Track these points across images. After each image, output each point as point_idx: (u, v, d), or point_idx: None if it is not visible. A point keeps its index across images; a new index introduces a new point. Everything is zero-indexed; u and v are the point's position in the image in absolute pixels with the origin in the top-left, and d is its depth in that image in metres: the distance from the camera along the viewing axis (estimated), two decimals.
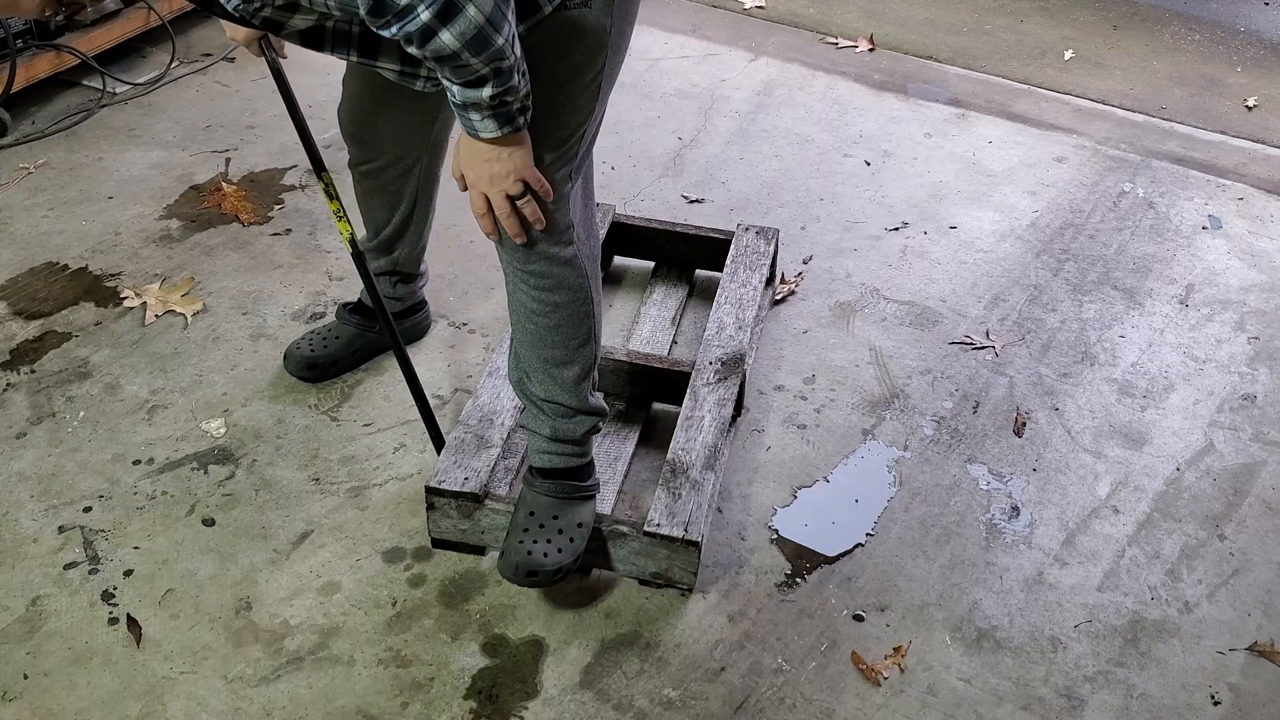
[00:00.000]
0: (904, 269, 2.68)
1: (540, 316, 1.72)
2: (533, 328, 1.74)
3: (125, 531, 1.99)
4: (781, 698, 1.77)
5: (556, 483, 1.86)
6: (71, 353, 2.35)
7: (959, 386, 2.36)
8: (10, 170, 2.89)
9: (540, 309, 1.71)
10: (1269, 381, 2.41)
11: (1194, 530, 2.08)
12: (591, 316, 1.76)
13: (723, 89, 3.36)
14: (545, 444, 1.86)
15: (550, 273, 1.67)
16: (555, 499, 1.85)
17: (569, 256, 1.67)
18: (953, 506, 2.10)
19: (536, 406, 1.84)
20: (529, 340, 1.76)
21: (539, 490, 1.86)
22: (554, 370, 1.78)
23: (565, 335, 1.74)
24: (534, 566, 1.79)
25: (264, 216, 2.76)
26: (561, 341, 1.75)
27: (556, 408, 1.82)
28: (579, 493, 1.87)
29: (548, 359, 1.77)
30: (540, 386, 1.81)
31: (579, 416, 1.84)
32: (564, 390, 1.80)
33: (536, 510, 1.85)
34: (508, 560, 1.81)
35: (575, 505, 1.86)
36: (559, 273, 1.67)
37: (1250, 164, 3.13)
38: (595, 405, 1.86)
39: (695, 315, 2.51)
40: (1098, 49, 3.71)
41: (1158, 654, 1.86)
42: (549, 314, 1.71)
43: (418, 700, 1.75)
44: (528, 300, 1.70)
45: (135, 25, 3.28)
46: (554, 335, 1.74)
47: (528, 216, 1.56)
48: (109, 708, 1.73)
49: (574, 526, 1.84)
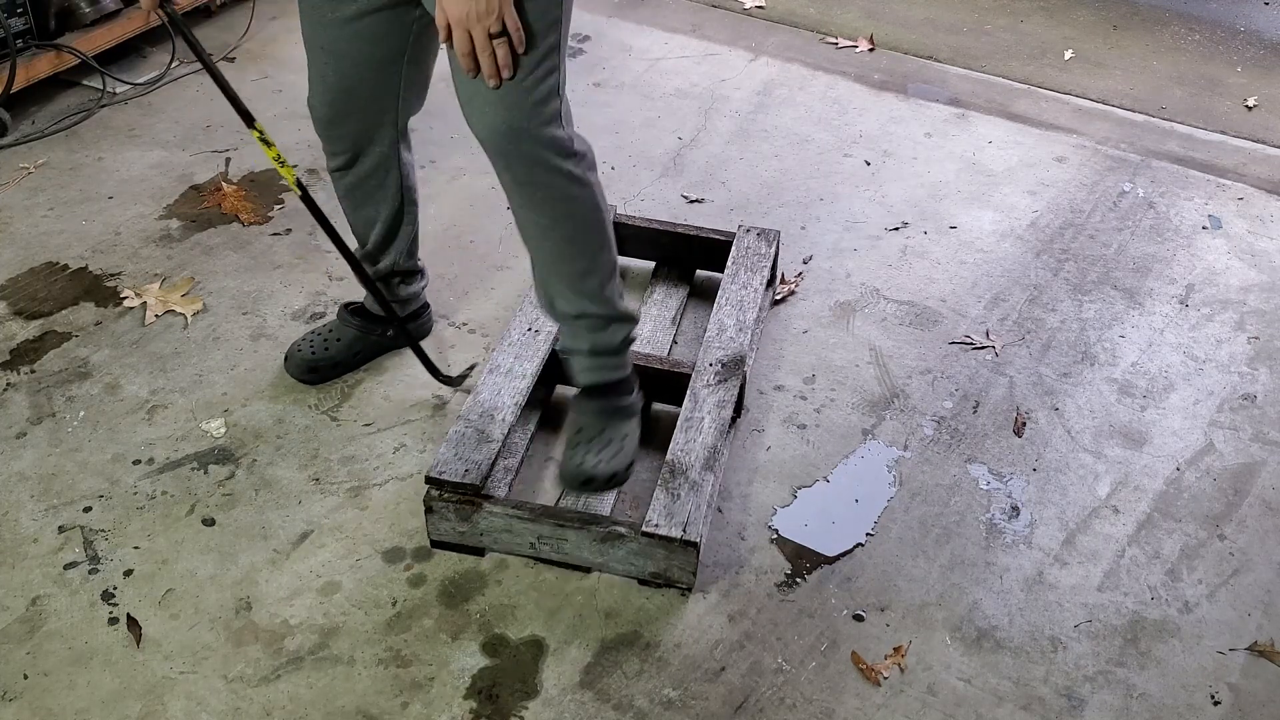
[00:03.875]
0: (904, 269, 2.68)
1: (553, 230, 1.82)
2: (549, 244, 1.85)
3: (125, 531, 1.99)
4: (781, 698, 1.77)
5: (601, 400, 1.99)
6: (71, 353, 2.35)
7: (959, 386, 2.36)
8: (10, 170, 2.89)
9: (550, 222, 1.81)
10: (1269, 381, 2.41)
11: (1194, 530, 2.08)
12: (603, 223, 1.86)
13: (723, 89, 3.36)
14: (587, 360, 1.97)
15: (554, 184, 1.76)
16: (601, 415, 1.99)
17: (569, 169, 1.76)
18: (953, 506, 2.10)
19: (570, 325, 1.95)
20: (548, 259, 1.88)
21: (586, 409, 2.00)
22: (578, 283, 1.88)
23: (581, 246, 1.85)
24: (589, 475, 1.94)
25: (264, 216, 2.76)
26: (578, 253, 1.85)
27: (589, 320, 1.93)
28: (623, 407, 2.01)
29: (569, 273, 1.87)
30: (569, 303, 1.91)
31: (612, 325, 1.95)
32: (592, 301, 1.90)
33: (585, 425, 1.99)
34: (565, 473, 1.97)
35: (620, 419, 2.00)
36: (562, 184, 1.76)
37: (1250, 164, 3.13)
38: (625, 311, 1.97)
39: (695, 315, 2.51)
40: (1098, 49, 3.71)
41: (1158, 654, 1.86)
42: (560, 225, 1.81)
43: (418, 700, 1.75)
44: (538, 217, 1.80)
45: (135, 25, 3.28)
46: (569, 248, 1.84)
47: (500, 58, 1.62)
48: (109, 708, 1.73)
49: (621, 438, 1.99)
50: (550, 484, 2.12)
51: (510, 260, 2.64)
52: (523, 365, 2.13)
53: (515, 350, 2.17)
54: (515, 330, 2.21)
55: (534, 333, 2.20)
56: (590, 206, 1.82)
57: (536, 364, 2.14)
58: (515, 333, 2.21)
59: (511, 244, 2.69)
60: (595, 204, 1.82)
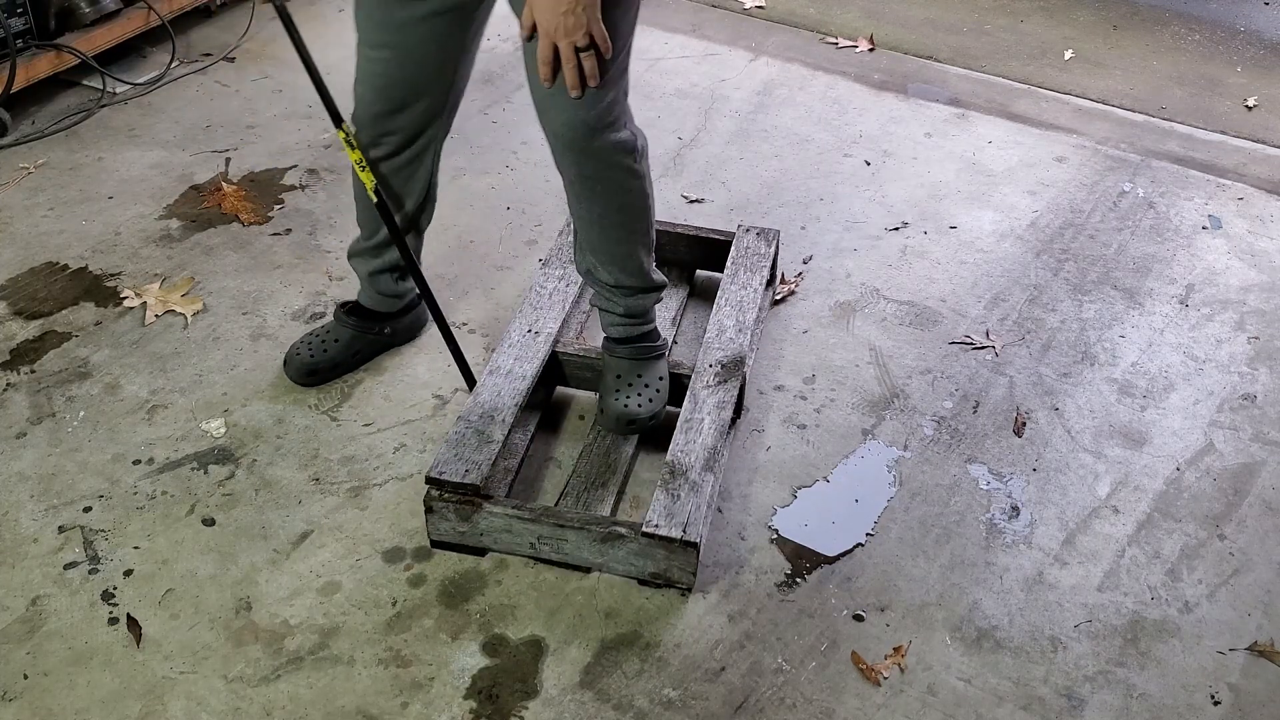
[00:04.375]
0: (904, 269, 2.68)
1: (607, 216, 1.96)
2: (600, 228, 1.99)
3: (125, 531, 1.99)
4: (781, 698, 1.77)
5: (632, 347, 2.15)
6: (71, 353, 2.35)
7: (959, 386, 2.36)
8: (10, 170, 2.89)
9: (608, 210, 1.95)
10: (1269, 381, 2.41)
11: (1194, 530, 2.08)
12: (650, 209, 2.02)
13: (723, 89, 3.36)
14: (618, 320, 2.14)
15: (617, 179, 1.90)
16: (634, 360, 2.15)
17: (633, 165, 1.90)
18: (953, 506, 2.10)
19: (606, 291, 2.10)
20: (596, 240, 2.02)
21: (620, 355, 2.15)
22: (620, 258, 2.04)
23: (629, 229, 2.00)
24: (631, 416, 2.09)
25: (264, 216, 2.76)
26: (626, 235, 2.01)
27: (625, 290, 2.09)
28: (652, 352, 2.17)
29: (615, 252, 2.02)
30: (609, 274, 2.06)
31: (645, 294, 2.12)
32: (630, 274, 2.06)
33: (622, 373, 2.14)
34: (608, 415, 2.11)
35: (651, 363, 2.16)
36: (625, 179, 1.91)
37: (1250, 164, 3.13)
38: (658, 280, 2.13)
39: (695, 315, 2.51)
40: (1098, 49, 3.71)
41: (1158, 654, 1.86)
42: (618, 213, 1.96)
43: (418, 700, 1.75)
44: (596, 206, 1.94)
45: (135, 25, 3.28)
46: (619, 231, 1.99)
47: (587, 70, 1.71)
48: (109, 708, 1.73)
49: (655, 379, 2.15)
50: (550, 484, 2.12)
51: (510, 260, 2.64)
52: (523, 366, 2.13)
53: (515, 351, 2.17)
54: (515, 331, 2.21)
55: (534, 334, 2.20)
56: (642, 195, 1.97)
57: (536, 365, 2.14)
58: (515, 334, 2.21)
59: (511, 244, 2.69)
60: (646, 192, 1.98)
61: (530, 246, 2.69)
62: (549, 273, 2.36)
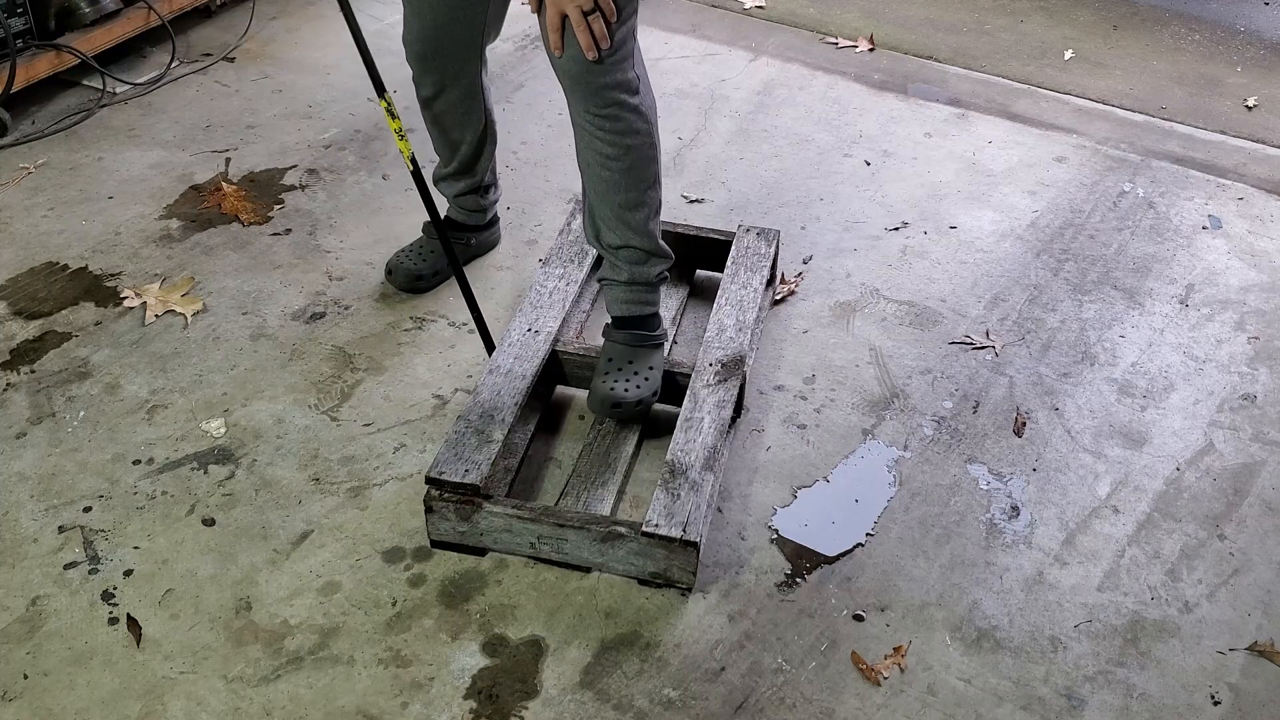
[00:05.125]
0: (904, 269, 2.68)
1: (614, 161, 2.00)
2: (606, 174, 2.02)
3: (125, 531, 1.99)
4: (781, 698, 1.77)
5: (631, 332, 2.17)
6: (71, 353, 2.35)
7: (959, 386, 2.36)
8: (10, 170, 2.89)
9: (614, 153, 1.99)
10: (1269, 381, 2.41)
11: (1194, 530, 2.08)
12: (656, 161, 2.06)
13: (723, 89, 3.36)
14: (623, 291, 2.16)
15: (622, 117, 1.96)
16: (630, 346, 2.16)
17: (636, 104, 1.97)
18: (953, 506, 2.10)
19: (614, 255, 2.14)
20: (603, 189, 2.05)
21: (617, 340, 2.17)
22: (626, 215, 2.07)
23: (635, 179, 2.03)
24: (616, 399, 2.10)
25: (264, 216, 2.76)
26: (632, 185, 2.04)
27: (631, 252, 2.12)
28: (650, 340, 2.18)
29: (620, 204, 2.05)
30: (615, 234, 2.10)
31: (652, 259, 2.14)
32: (636, 234, 2.09)
33: (615, 357, 2.15)
34: (594, 396, 2.12)
35: (648, 351, 2.17)
36: (629, 118, 1.97)
37: (1250, 164, 3.13)
38: (665, 248, 2.17)
39: (695, 315, 2.51)
40: (1098, 49, 3.71)
41: (1158, 654, 1.86)
42: (621, 158, 2.00)
43: (418, 700, 1.75)
44: (603, 147, 1.99)
45: (135, 25, 3.28)
46: (625, 179, 2.02)
47: (596, 32, 1.83)
48: (109, 708, 1.73)
49: (647, 369, 2.15)
50: (550, 484, 2.12)
51: (510, 260, 2.65)
52: (523, 366, 2.13)
53: (515, 351, 2.17)
54: (515, 331, 2.21)
55: (534, 333, 2.21)
56: (648, 144, 2.02)
57: (536, 365, 2.14)
58: (515, 333, 2.21)
59: (511, 244, 2.69)
60: (653, 142, 2.03)
61: (530, 246, 2.69)
62: (549, 272, 2.37)
